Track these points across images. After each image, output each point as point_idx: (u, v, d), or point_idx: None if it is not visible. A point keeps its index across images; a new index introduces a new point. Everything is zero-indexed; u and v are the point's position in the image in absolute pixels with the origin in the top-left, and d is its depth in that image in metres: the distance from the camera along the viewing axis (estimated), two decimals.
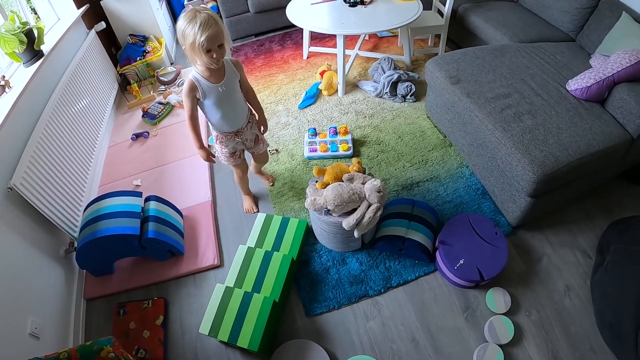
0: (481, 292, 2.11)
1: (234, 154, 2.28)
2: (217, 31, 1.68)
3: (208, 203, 2.68)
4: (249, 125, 2.19)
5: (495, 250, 2.09)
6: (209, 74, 1.87)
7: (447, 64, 2.61)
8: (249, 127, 2.19)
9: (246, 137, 2.22)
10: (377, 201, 1.96)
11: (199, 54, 1.72)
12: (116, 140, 3.33)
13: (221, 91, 1.92)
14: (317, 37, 4.10)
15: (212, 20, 1.66)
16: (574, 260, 2.20)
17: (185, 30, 1.67)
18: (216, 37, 1.69)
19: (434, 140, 2.91)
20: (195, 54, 1.73)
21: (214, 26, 1.67)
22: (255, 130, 2.26)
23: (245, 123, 2.16)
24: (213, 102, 1.95)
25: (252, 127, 2.23)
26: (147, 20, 3.92)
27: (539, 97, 2.30)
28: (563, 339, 1.93)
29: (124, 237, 2.14)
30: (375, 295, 2.16)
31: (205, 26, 1.64)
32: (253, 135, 2.26)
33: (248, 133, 2.21)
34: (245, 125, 2.17)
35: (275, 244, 2.31)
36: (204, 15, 1.65)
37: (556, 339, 1.93)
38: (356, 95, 3.37)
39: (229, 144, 2.21)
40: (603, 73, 2.19)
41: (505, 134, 2.14)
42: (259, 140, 2.31)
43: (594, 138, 2.06)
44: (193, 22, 1.65)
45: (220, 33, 1.70)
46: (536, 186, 1.99)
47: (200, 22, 1.64)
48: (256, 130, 2.26)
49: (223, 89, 1.92)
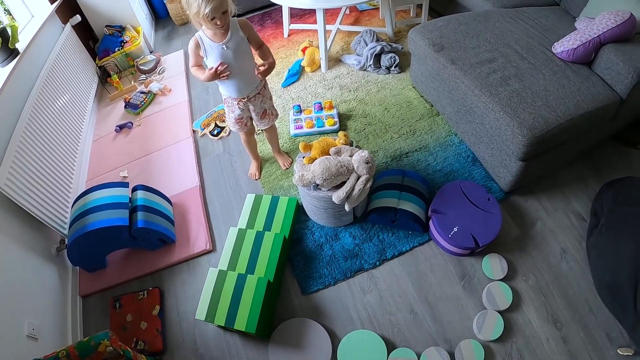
0: (477, 259, 2.11)
1: (241, 120, 2.27)
2: (221, 1, 1.70)
3: (196, 188, 2.65)
4: (258, 97, 2.17)
5: (489, 216, 2.09)
6: (212, 32, 1.88)
7: (429, 31, 2.57)
8: (258, 99, 2.17)
9: (254, 108, 2.21)
10: (366, 172, 1.93)
11: (204, 21, 1.75)
12: (100, 134, 3.30)
13: (224, 49, 1.89)
14: (297, 14, 4.04)
15: None
16: (568, 224, 2.20)
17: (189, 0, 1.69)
18: (220, 6, 1.70)
19: (421, 110, 2.89)
20: (199, 21, 1.77)
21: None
22: (265, 104, 2.24)
23: (255, 93, 2.14)
24: (215, 61, 1.92)
25: (263, 101, 2.21)
26: (123, 9, 3.86)
27: (525, 61, 2.28)
28: (562, 302, 1.94)
29: (114, 229, 2.11)
30: (371, 269, 2.15)
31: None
32: (261, 109, 2.24)
33: (257, 105, 2.20)
34: (254, 96, 2.15)
35: (266, 223, 2.28)
36: None
37: (555, 302, 1.94)
38: (340, 70, 3.33)
39: (235, 110, 2.20)
40: (589, 34, 2.17)
41: (492, 99, 2.12)
42: (266, 114, 2.28)
43: (583, 99, 2.04)
44: None
45: (224, 1, 1.71)
46: (526, 149, 1.98)
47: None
48: (265, 104, 2.24)
49: (225, 47, 1.89)
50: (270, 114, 2.31)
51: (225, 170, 2.75)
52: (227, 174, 2.73)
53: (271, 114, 2.32)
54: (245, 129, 2.34)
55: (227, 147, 2.93)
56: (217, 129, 3.03)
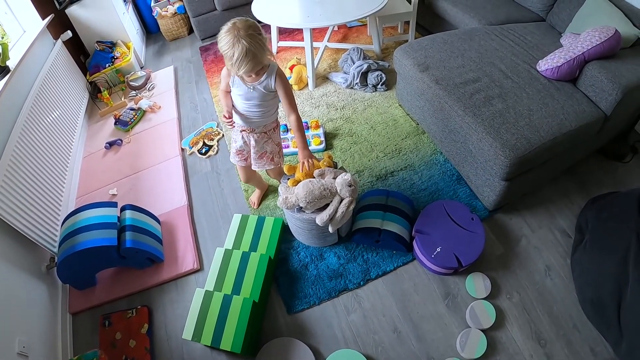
0: (461, 278, 2.12)
1: (241, 152, 2.20)
2: (255, 64, 1.66)
3: (184, 207, 2.66)
4: (263, 137, 2.09)
5: (472, 235, 2.10)
6: None
7: (414, 51, 2.59)
8: (262, 138, 2.09)
9: (255, 145, 2.11)
10: (348, 195, 1.96)
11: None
12: (90, 150, 3.28)
13: (250, 91, 1.87)
14: (285, 31, 4.06)
15: (250, 53, 1.62)
16: (553, 240, 2.21)
17: (225, 53, 1.66)
18: (252, 69, 1.68)
19: (407, 128, 2.90)
20: None
21: (252, 61, 1.64)
22: (267, 146, 2.13)
23: (260, 131, 2.06)
24: (238, 94, 1.92)
25: (267, 142, 2.12)
26: (114, 25, 3.86)
27: (509, 80, 2.30)
28: (546, 319, 1.94)
29: (102, 248, 2.12)
30: (355, 289, 2.16)
31: (242, 61, 1.63)
32: (262, 149, 2.13)
33: (259, 143, 2.10)
34: (259, 134, 2.07)
35: (252, 244, 2.29)
36: (242, 47, 1.60)
37: (539, 319, 1.94)
38: (327, 88, 3.35)
39: (238, 140, 2.15)
40: (573, 52, 2.18)
41: (475, 119, 2.13)
42: (265, 156, 2.16)
43: (566, 117, 2.06)
44: (231, 51, 1.62)
45: (257, 64, 1.68)
46: (509, 169, 1.99)
47: (237, 57, 1.62)
48: (268, 146, 2.13)
49: (253, 89, 1.87)
50: (269, 158, 2.17)
51: (213, 189, 2.76)
52: (215, 193, 2.74)
53: (270, 159, 2.17)
54: (244, 163, 2.25)
55: (215, 165, 2.94)
56: (205, 147, 3.04)
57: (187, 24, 4.58)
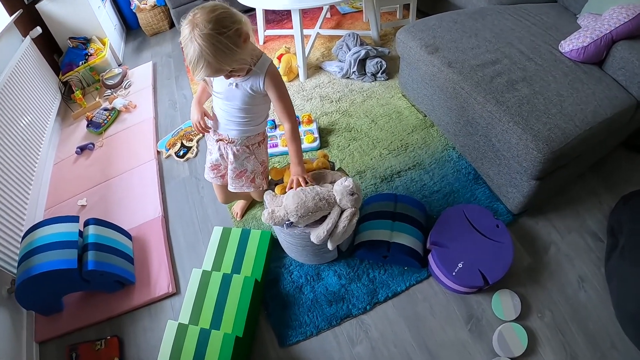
0: (485, 296, 1.84)
1: (217, 168, 1.84)
2: (212, 71, 1.31)
3: (159, 219, 2.36)
4: (244, 150, 1.71)
5: (498, 246, 1.81)
6: None
7: (421, 31, 2.30)
8: (243, 152, 1.71)
9: (233, 160, 1.73)
10: (350, 206, 1.61)
11: None
12: (61, 156, 3.04)
13: (232, 88, 1.52)
14: (272, 19, 3.83)
15: (203, 59, 1.26)
16: (584, 246, 1.96)
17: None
18: (210, 74, 1.34)
19: (413, 121, 2.62)
20: None
21: (207, 67, 1.28)
22: (248, 164, 1.76)
23: (242, 143, 1.69)
24: (217, 90, 1.58)
25: (247, 159, 1.74)
26: (88, 20, 3.67)
27: (532, 62, 2.03)
28: (581, 338, 1.71)
29: (61, 272, 1.86)
30: (360, 314, 1.87)
31: (196, 65, 1.29)
32: (241, 167, 1.76)
33: (238, 158, 1.73)
34: (241, 147, 1.69)
35: (235, 263, 1.98)
36: (193, 49, 1.26)
37: (574, 340, 1.71)
38: (320, 78, 3.07)
39: (213, 152, 1.78)
40: (600, 30, 1.97)
41: (499, 107, 1.85)
42: (243, 175, 1.79)
43: (600, 104, 1.81)
44: (185, 50, 1.29)
45: (216, 70, 1.32)
46: (542, 166, 1.72)
47: (190, 60, 1.28)
48: (249, 164, 1.76)
49: (235, 86, 1.51)
50: (249, 178, 1.80)
51: (192, 197, 2.48)
52: (194, 201, 2.46)
53: (250, 180, 1.81)
54: (219, 182, 1.90)
55: (194, 169, 2.66)
56: (183, 149, 2.75)
57: (168, 17, 4.36)
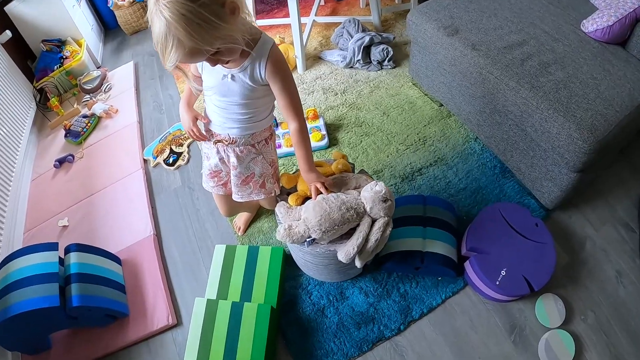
0: (526, 303, 1.68)
1: (218, 175, 1.60)
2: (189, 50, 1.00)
3: (150, 238, 2.10)
4: (249, 150, 1.45)
5: (540, 247, 1.64)
6: None
7: (436, 12, 2.08)
8: (249, 152, 1.45)
9: (236, 164, 1.47)
10: (383, 215, 1.37)
11: None
12: (39, 171, 2.75)
13: (226, 79, 1.26)
14: (263, 10, 3.58)
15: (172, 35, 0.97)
16: (618, 238, 1.85)
17: None
18: (191, 56, 1.04)
19: (428, 111, 2.40)
20: None
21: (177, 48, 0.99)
22: (256, 167, 1.50)
23: (246, 143, 1.43)
24: (209, 85, 1.31)
25: (254, 160, 1.48)
26: (62, 21, 3.39)
27: (559, 43, 1.85)
28: (625, 337, 1.61)
29: (42, 311, 1.61)
30: (394, 336, 1.67)
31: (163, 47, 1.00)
32: (248, 171, 1.50)
33: (243, 161, 1.47)
34: (244, 147, 1.44)
35: (244, 288, 1.74)
36: (159, 23, 0.97)
37: (618, 340, 1.60)
38: (321, 69, 2.83)
39: (212, 156, 1.52)
40: (623, 9, 1.86)
41: (535, 93, 1.66)
42: (250, 181, 1.53)
43: (633, 87, 1.67)
44: (152, 27, 1.00)
45: (194, 50, 1.01)
46: (587, 157, 1.55)
47: (156, 40, 1.00)
48: (256, 167, 1.50)
49: (230, 78, 1.25)
50: (257, 183, 1.54)
51: (186, 211, 2.22)
52: (189, 215, 2.20)
53: (260, 184, 1.54)
54: (222, 191, 1.65)
55: (187, 178, 2.39)
56: (172, 156, 2.48)
57: None
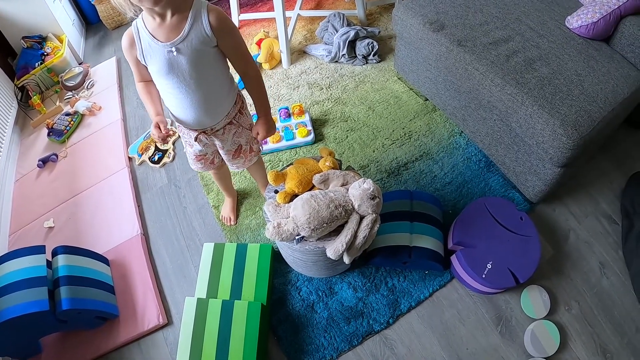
0: (512, 294, 1.72)
1: (204, 157, 1.61)
2: None
3: (138, 238, 2.08)
4: (230, 129, 1.47)
5: (525, 240, 1.68)
6: (156, 24, 1.17)
7: (421, 7, 2.08)
8: (229, 131, 1.47)
9: (223, 145, 1.52)
10: (371, 212, 1.38)
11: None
12: (23, 171, 2.69)
13: (172, 54, 1.19)
14: (247, 2, 3.52)
15: None
16: (601, 230, 1.89)
17: None
18: None
19: (413, 106, 2.40)
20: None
21: None
22: (240, 138, 1.53)
23: (223, 124, 1.44)
24: (158, 71, 1.25)
25: (237, 133, 1.51)
26: (43, 16, 3.30)
27: (544, 39, 1.87)
28: (608, 327, 1.66)
29: (31, 316, 1.59)
30: (383, 329, 1.69)
31: None
32: (234, 145, 1.54)
33: (227, 140, 1.50)
34: (223, 128, 1.45)
35: (234, 286, 1.74)
36: None
37: (602, 329, 1.66)
38: (306, 64, 2.81)
39: (194, 144, 1.50)
40: (608, 6, 1.87)
41: (520, 89, 1.68)
42: (241, 151, 1.59)
43: (617, 83, 1.70)
44: None
45: None
46: (571, 153, 1.58)
47: None
48: (241, 138, 1.54)
49: (175, 52, 1.19)
50: (247, 151, 1.60)
51: (173, 209, 2.20)
52: (176, 214, 2.18)
53: (249, 151, 1.61)
54: (212, 168, 1.69)
55: (173, 176, 2.36)
56: (158, 154, 2.45)
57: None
